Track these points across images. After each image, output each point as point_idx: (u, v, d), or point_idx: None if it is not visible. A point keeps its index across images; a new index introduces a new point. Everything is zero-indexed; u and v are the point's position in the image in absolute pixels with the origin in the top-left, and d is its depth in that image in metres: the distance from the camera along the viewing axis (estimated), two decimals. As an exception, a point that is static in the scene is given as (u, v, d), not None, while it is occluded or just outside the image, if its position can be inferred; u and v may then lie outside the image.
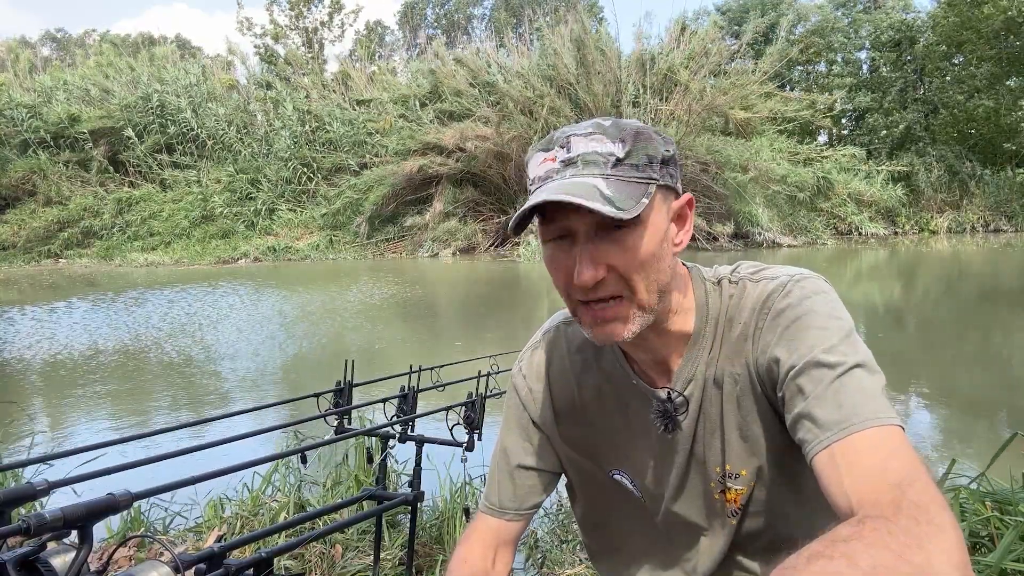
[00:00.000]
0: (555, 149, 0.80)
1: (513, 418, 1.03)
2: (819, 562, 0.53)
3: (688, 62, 18.28)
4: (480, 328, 7.99)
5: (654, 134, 0.80)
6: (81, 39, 44.49)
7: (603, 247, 0.77)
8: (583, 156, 0.77)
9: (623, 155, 0.77)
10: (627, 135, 0.78)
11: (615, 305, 0.79)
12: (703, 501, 0.92)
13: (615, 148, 0.77)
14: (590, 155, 0.77)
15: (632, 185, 0.76)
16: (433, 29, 38.96)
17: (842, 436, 0.69)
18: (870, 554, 0.53)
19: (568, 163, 0.78)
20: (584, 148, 0.78)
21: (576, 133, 0.79)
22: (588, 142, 0.78)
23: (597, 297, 0.79)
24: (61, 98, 22.48)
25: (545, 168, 0.79)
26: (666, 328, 0.87)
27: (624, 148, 0.77)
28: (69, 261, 18.76)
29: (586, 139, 0.78)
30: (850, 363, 0.73)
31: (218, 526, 2.49)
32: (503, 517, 1.01)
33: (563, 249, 0.80)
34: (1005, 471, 2.13)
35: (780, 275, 0.85)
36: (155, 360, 6.50)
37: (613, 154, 0.77)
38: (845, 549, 0.54)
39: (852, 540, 0.55)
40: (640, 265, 0.78)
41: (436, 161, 17.21)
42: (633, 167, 0.77)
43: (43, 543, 0.81)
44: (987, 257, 14.30)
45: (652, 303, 0.80)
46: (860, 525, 0.58)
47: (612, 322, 0.80)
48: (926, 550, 0.54)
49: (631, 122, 0.80)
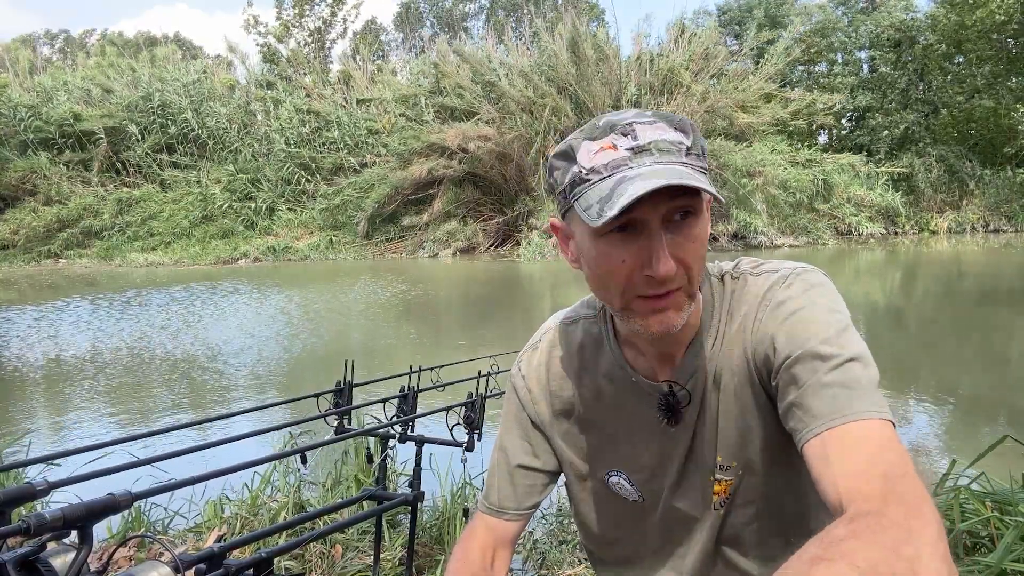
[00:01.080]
0: (613, 136, 0.76)
1: (512, 418, 1.03)
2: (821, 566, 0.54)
3: (688, 63, 18.29)
4: (482, 328, 7.99)
5: None
6: (81, 39, 44.49)
7: (674, 238, 0.75)
8: (655, 144, 0.74)
9: (691, 144, 0.76)
10: (685, 125, 0.77)
11: (673, 296, 0.78)
12: (700, 495, 0.92)
13: (681, 137, 0.76)
14: (662, 143, 0.74)
15: (700, 174, 0.75)
16: (433, 29, 38.96)
17: (833, 426, 0.69)
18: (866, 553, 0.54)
19: (640, 150, 0.74)
20: (653, 135, 0.75)
21: (638, 121, 0.76)
22: (654, 130, 0.75)
23: (663, 291, 0.77)
24: (62, 98, 22.49)
25: (608, 156, 0.75)
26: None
27: (690, 138, 0.76)
28: (69, 261, 18.76)
29: (651, 127, 0.75)
30: (846, 356, 0.74)
31: (218, 526, 2.49)
32: (502, 517, 1.01)
33: (625, 241, 0.76)
34: (1005, 471, 2.13)
35: (781, 268, 0.86)
36: (155, 360, 6.50)
37: (683, 143, 0.75)
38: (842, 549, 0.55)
39: (848, 540, 0.56)
40: (701, 255, 0.78)
41: (440, 163, 17.20)
42: (697, 156, 0.76)
43: (43, 543, 0.81)
44: (987, 257, 14.30)
45: (696, 293, 0.81)
46: (853, 523, 0.58)
47: (669, 311, 0.78)
48: (915, 543, 0.55)
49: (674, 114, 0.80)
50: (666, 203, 0.73)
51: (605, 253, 0.78)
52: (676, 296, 0.78)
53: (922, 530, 0.57)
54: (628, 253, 0.76)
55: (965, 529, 1.85)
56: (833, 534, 0.58)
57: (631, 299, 0.79)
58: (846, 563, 0.53)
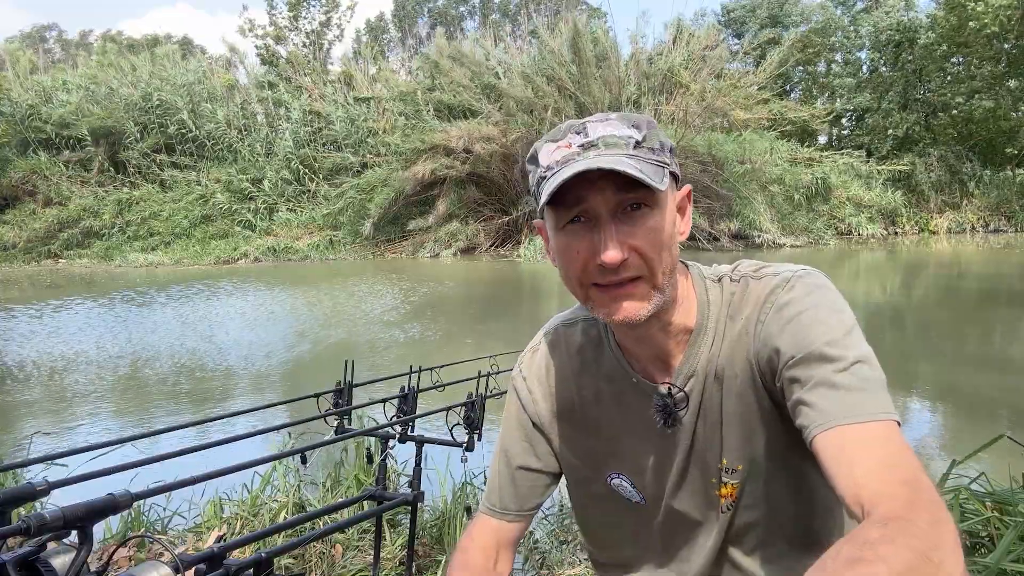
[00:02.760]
0: (568, 136, 0.80)
1: (513, 419, 1.04)
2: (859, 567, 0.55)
3: (688, 63, 18.28)
4: (486, 327, 7.99)
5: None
6: (81, 39, 44.47)
7: (625, 228, 0.78)
8: (603, 139, 0.78)
9: (641, 139, 0.78)
10: (641, 122, 0.80)
11: (633, 285, 0.80)
12: (702, 497, 0.92)
13: (632, 132, 0.79)
14: (610, 138, 0.78)
15: (650, 166, 0.78)
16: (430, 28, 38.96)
17: (846, 423, 0.70)
18: (901, 556, 0.55)
19: (588, 146, 0.78)
20: (603, 131, 0.79)
21: (591, 120, 0.80)
22: (606, 126, 0.79)
23: (618, 279, 0.80)
24: (62, 98, 22.48)
25: (561, 153, 0.79)
26: (669, 320, 0.87)
27: (641, 133, 0.79)
28: (69, 261, 18.75)
29: (603, 124, 0.79)
30: (852, 358, 0.74)
31: (218, 526, 2.49)
32: (504, 518, 1.01)
33: (579, 232, 0.80)
34: (1005, 471, 2.13)
35: (783, 271, 0.86)
36: (155, 360, 6.50)
37: (632, 137, 0.78)
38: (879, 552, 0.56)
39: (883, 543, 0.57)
40: (659, 245, 0.79)
41: (444, 163, 17.18)
42: (651, 150, 0.79)
43: (43, 543, 0.81)
44: (987, 257, 14.30)
45: (664, 285, 0.82)
46: (885, 526, 0.59)
47: (630, 300, 0.80)
48: (941, 550, 0.56)
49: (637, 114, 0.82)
50: (615, 195, 0.77)
51: (564, 245, 0.82)
52: (637, 286, 0.80)
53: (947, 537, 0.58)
54: (582, 243, 0.80)
55: (965, 529, 1.86)
56: (868, 536, 0.58)
57: (589, 288, 0.82)
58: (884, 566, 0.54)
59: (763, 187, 16.47)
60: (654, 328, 0.87)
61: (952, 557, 0.56)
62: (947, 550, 0.57)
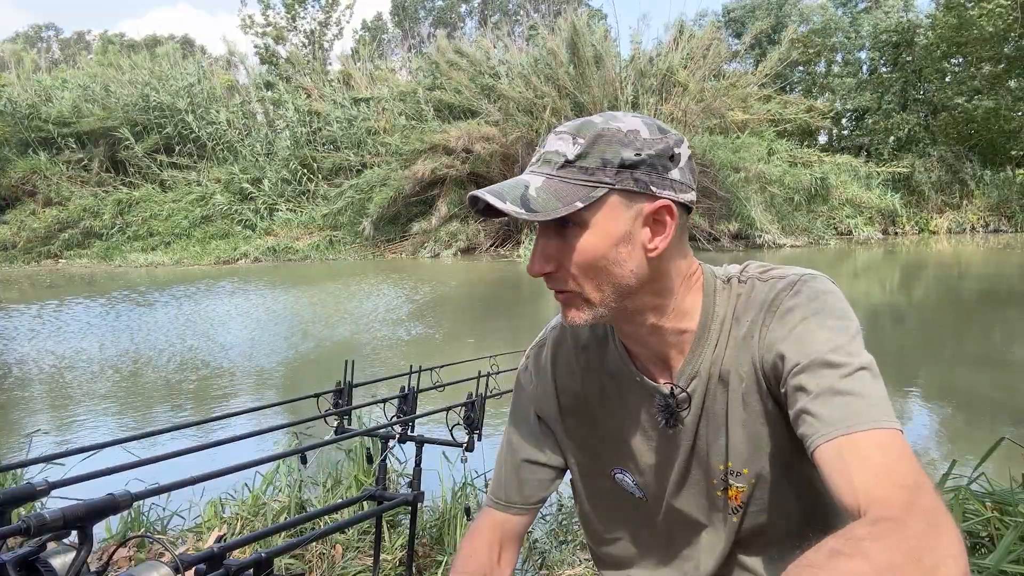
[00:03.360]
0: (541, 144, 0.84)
1: (519, 413, 1.05)
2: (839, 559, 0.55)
3: (687, 62, 18.28)
4: (484, 327, 7.99)
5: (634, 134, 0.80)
6: (81, 39, 44.45)
7: (552, 243, 0.82)
8: (544, 155, 0.81)
9: (573, 157, 0.79)
10: (586, 135, 0.79)
11: (568, 296, 0.84)
12: (705, 498, 0.92)
13: (569, 149, 0.79)
14: (550, 154, 0.80)
15: (571, 187, 0.78)
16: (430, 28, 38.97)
17: (848, 432, 0.69)
18: (886, 554, 0.55)
19: (536, 159, 0.82)
20: (549, 146, 0.81)
21: (556, 130, 0.83)
22: (555, 140, 0.81)
23: (552, 288, 0.85)
24: (61, 98, 22.48)
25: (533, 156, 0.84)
26: (659, 326, 0.87)
27: (577, 150, 0.79)
28: (69, 262, 18.75)
29: (556, 137, 0.81)
30: (856, 365, 0.74)
31: (218, 526, 2.49)
32: (509, 511, 1.02)
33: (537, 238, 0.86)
34: (1005, 471, 2.13)
35: (789, 274, 0.85)
36: (155, 360, 6.50)
37: (564, 155, 0.79)
38: (862, 548, 0.55)
39: (868, 539, 0.57)
40: (583, 265, 0.81)
41: (444, 163, 17.18)
42: (581, 170, 0.79)
43: (43, 543, 0.81)
44: (987, 258, 14.30)
45: (604, 301, 0.83)
46: (874, 525, 0.59)
47: (568, 308, 0.85)
48: (936, 554, 0.55)
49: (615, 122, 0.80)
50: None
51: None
52: (571, 297, 0.84)
53: (944, 544, 0.57)
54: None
55: (965, 529, 1.85)
56: (854, 532, 0.58)
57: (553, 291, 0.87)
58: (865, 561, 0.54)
59: (762, 188, 16.48)
60: (645, 333, 0.88)
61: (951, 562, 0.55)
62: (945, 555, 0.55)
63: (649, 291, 0.84)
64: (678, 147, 0.82)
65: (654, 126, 0.82)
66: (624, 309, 0.84)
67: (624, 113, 0.83)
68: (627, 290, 0.82)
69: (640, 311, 0.86)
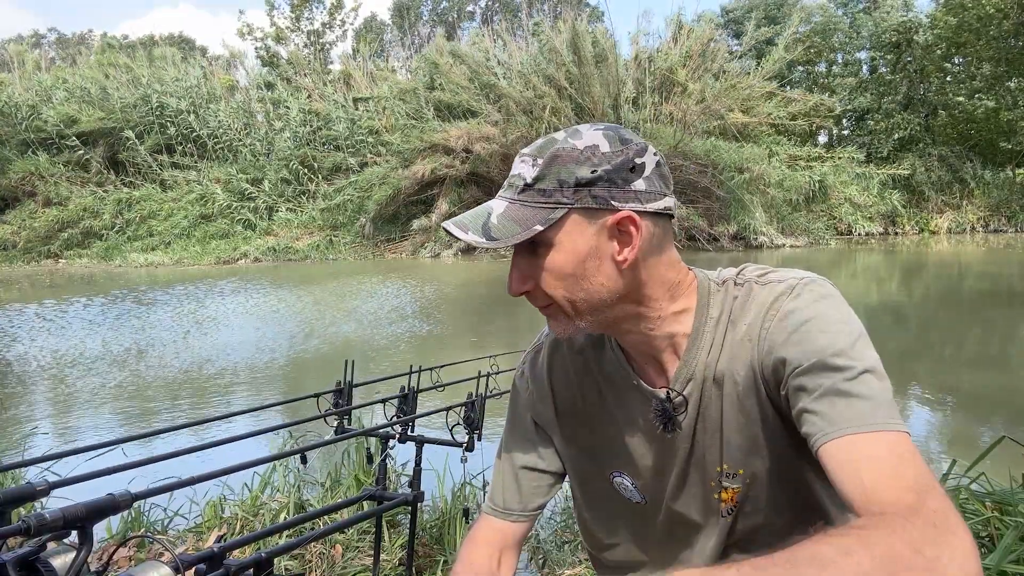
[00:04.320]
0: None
1: (516, 419, 1.04)
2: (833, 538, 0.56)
3: (686, 61, 18.27)
4: (484, 327, 7.99)
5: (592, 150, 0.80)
6: (80, 39, 44.45)
7: (525, 262, 0.84)
8: (510, 179, 0.84)
9: (531, 180, 0.81)
10: (545, 158, 0.80)
11: (551, 310, 0.86)
12: (702, 500, 0.92)
13: (529, 172, 0.81)
14: (514, 178, 0.83)
15: (531, 210, 0.80)
16: (431, 27, 38.94)
17: (856, 432, 0.69)
18: (886, 542, 0.54)
19: (505, 183, 0.84)
20: (514, 170, 0.84)
21: (521, 152, 0.84)
22: (519, 163, 0.83)
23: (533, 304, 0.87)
24: (61, 98, 22.48)
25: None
26: (649, 333, 0.87)
27: (534, 173, 0.81)
28: (69, 262, 18.75)
29: (520, 161, 0.83)
30: (860, 368, 0.73)
31: (218, 526, 2.49)
32: (507, 519, 1.01)
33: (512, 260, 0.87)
34: (1005, 471, 2.13)
35: (788, 278, 0.85)
36: (155, 360, 6.50)
37: (524, 179, 0.81)
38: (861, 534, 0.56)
39: (869, 527, 0.57)
40: (556, 281, 0.83)
41: (444, 163, 17.18)
42: (540, 192, 0.80)
43: (43, 543, 0.81)
44: (987, 257, 14.30)
45: (580, 315, 0.85)
46: (879, 517, 0.59)
47: (554, 322, 0.87)
48: (939, 549, 0.55)
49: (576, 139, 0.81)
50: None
51: None
52: (554, 312, 0.86)
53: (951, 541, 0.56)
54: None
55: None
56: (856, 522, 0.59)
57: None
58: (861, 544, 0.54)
59: (761, 190, 16.49)
60: (636, 339, 0.88)
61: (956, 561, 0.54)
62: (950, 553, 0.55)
63: (628, 300, 0.85)
64: (640, 157, 0.81)
65: (616, 138, 0.81)
66: (605, 319, 0.86)
67: (588, 126, 0.83)
68: (602, 303, 0.84)
69: (622, 320, 0.87)
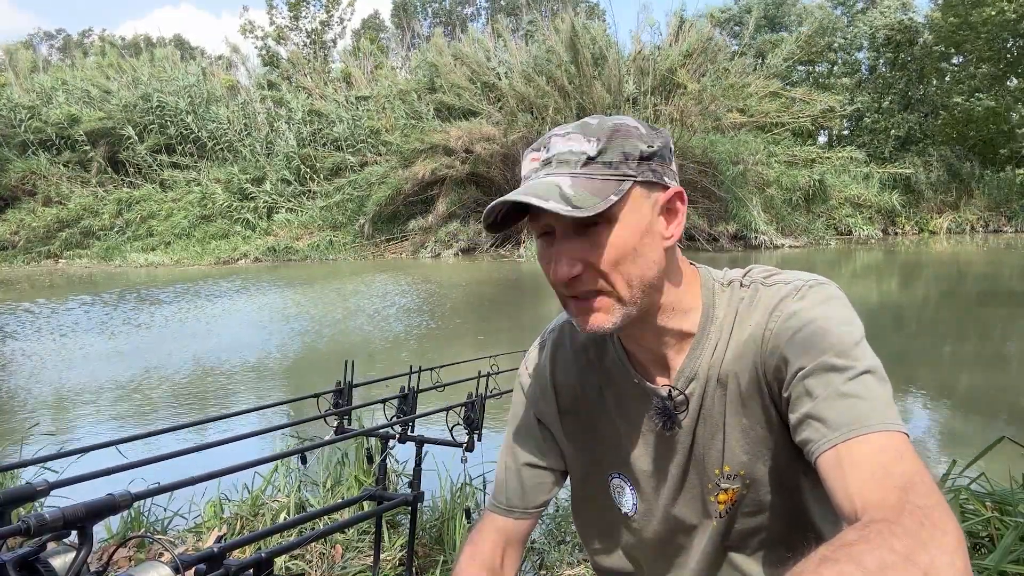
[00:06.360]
0: (540, 149, 0.83)
1: (519, 416, 1.05)
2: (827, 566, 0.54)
3: (685, 60, 18.26)
4: (484, 328, 7.99)
5: (638, 129, 0.81)
6: (79, 39, 44.44)
7: (578, 244, 0.80)
8: (557, 156, 0.80)
9: (595, 153, 0.79)
10: (603, 133, 0.80)
11: (596, 298, 0.81)
12: (700, 502, 0.92)
13: (588, 147, 0.79)
14: (564, 154, 0.80)
15: (601, 182, 0.78)
16: (429, 27, 38.95)
17: (848, 438, 0.69)
18: (876, 556, 0.54)
19: (546, 163, 0.81)
20: (560, 148, 0.80)
21: (557, 133, 0.82)
22: (565, 142, 0.80)
23: (576, 292, 0.82)
24: (61, 99, 22.47)
25: (529, 167, 0.83)
26: (661, 325, 0.87)
27: (597, 146, 0.79)
28: (68, 261, 18.74)
29: (564, 139, 0.81)
30: (860, 368, 0.73)
31: (218, 526, 2.49)
32: (511, 515, 1.01)
33: (547, 245, 0.83)
34: (1005, 471, 2.13)
35: (793, 280, 0.85)
36: (155, 360, 6.50)
37: (585, 152, 0.79)
38: (851, 552, 0.55)
39: (858, 543, 0.56)
40: (615, 261, 0.79)
41: (444, 163, 17.18)
42: (605, 165, 0.79)
43: (43, 543, 0.81)
44: (987, 258, 14.30)
45: (633, 297, 0.82)
46: (865, 528, 0.58)
47: (594, 313, 0.82)
48: (930, 552, 0.55)
49: (615, 119, 0.82)
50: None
51: (539, 255, 0.85)
52: (600, 300, 0.81)
53: (940, 540, 0.56)
54: (547, 256, 0.82)
55: (965, 530, 1.85)
56: (844, 538, 0.58)
57: (563, 299, 0.84)
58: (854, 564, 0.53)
59: (760, 189, 16.48)
60: (645, 332, 0.87)
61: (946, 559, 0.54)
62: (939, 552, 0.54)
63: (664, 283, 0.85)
64: (670, 142, 0.85)
65: (643, 124, 0.84)
66: (645, 305, 0.84)
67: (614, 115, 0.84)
68: (651, 283, 0.83)
69: (653, 308, 0.85)
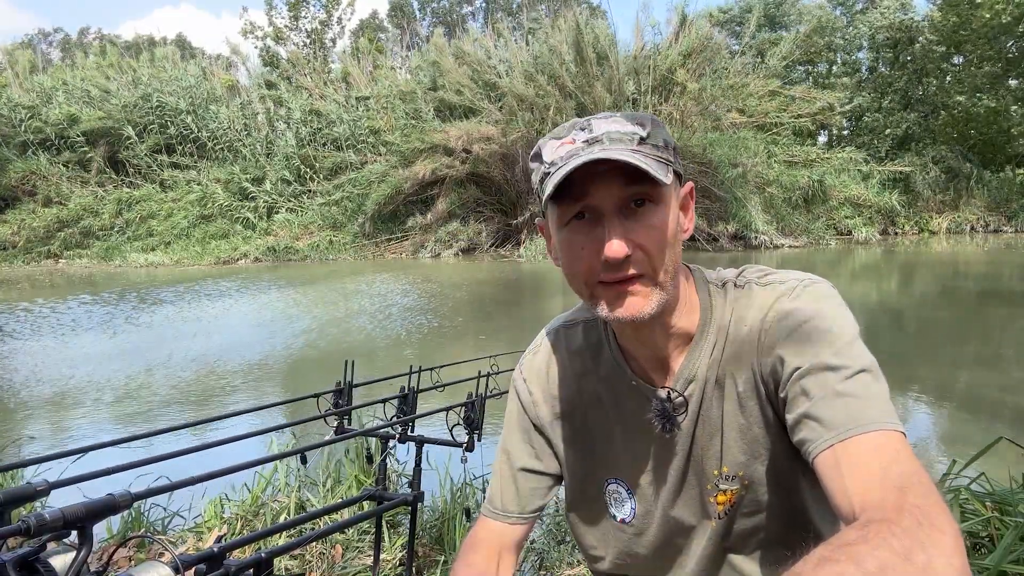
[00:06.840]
0: (572, 133, 0.80)
1: (514, 421, 1.04)
2: (826, 566, 0.54)
3: (685, 60, 18.26)
4: (484, 327, 7.99)
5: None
6: (79, 39, 44.43)
7: (629, 224, 0.78)
8: (608, 134, 0.78)
9: (646, 135, 0.79)
10: (645, 119, 0.80)
11: (636, 283, 0.80)
12: (699, 503, 0.92)
13: (637, 128, 0.79)
14: (615, 133, 0.78)
15: (655, 162, 0.78)
16: (429, 27, 38.95)
17: (845, 437, 0.69)
18: (875, 556, 0.54)
19: (592, 141, 0.78)
20: (607, 127, 0.79)
21: (597, 117, 0.81)
22: (610, 123, 0.79)
23: (621, 276, 0.79)
24: (61, 99, 22.46)
25: (566, 149, 0.79)
26: (670, 322, 0.87)
27: (646, 129, 0.79)
28: (68, 261, 18.74)
29: (607, 121, 0.79)
30: (856, 368, 0.73)
31: (218, 526, 2.49)
32: (506, 521, 1.01)
33: (583, 228, 0.80)
34: (1005, 471, 2.13)
35: (788, 279, 0.85)
36: (155, 360, 6.50)
37: (637, 133, 0.78)
38: (850, 552, 0.55)
39: (857, 543, 0.56)
40: (663, 243, 0.79)
41: (444, 163, 17.18)
42: (655, 147, 0.79)
43: (43, 543, 0.81)
44: (987, 258, 14.30)
45: (667, 284, 0.81)
46: (864, 528, 0.58)
47: (633, 297, 0.80)
48: (928, 552, 0.55)
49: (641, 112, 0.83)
50: (620, 190, 0.77)
51: (568, 241, 0.82)
52: (640, 283, 0.80)
53: (937, 539, 0.56)
54: (587, 239, 0.80)
55: (965, 530, 1.85)
56: (843, 538, 0.58)
57: (594, 285, 0.82)
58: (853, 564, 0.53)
59: (760, 189, 16.48)
60: (656, 329, 0.87)
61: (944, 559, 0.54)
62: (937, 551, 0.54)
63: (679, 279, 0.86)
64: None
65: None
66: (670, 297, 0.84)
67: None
68: (676, 273, 0.83)
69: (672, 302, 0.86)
